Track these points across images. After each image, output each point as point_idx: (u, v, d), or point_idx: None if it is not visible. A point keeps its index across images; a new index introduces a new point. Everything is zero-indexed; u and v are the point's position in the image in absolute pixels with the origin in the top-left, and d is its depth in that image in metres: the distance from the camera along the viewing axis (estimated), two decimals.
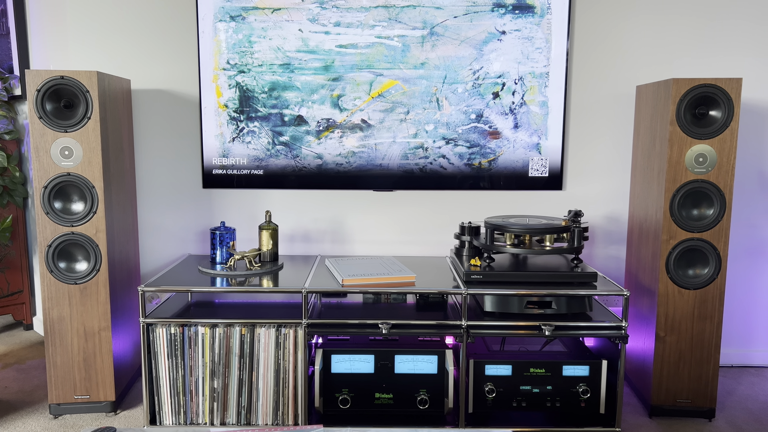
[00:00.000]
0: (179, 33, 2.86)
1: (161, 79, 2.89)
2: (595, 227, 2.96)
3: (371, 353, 2.37)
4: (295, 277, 2.51)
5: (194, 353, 2.36)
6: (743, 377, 2.92)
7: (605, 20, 2.85)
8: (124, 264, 2.66)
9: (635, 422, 2.50)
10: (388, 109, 2.82)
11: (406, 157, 2.85)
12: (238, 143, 2.83)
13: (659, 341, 2.48)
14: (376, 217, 2.98)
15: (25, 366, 2.96)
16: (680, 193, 2.40)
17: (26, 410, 2.54)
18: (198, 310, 2.51)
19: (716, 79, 2.33)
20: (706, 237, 2.42)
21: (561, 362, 2.38)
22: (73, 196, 2.42)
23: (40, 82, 2.33)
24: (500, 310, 2.38)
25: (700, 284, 2.44)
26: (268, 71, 2.79)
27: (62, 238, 2.40)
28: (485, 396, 2.37)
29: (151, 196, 2.96)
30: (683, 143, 2.38)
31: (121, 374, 2.59)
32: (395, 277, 2.43)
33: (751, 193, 2.94)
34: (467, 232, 2.66)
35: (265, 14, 2.76)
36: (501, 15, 2.76)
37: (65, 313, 2.44)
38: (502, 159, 2.84)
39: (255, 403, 2.39)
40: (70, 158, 2.38)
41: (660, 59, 2.86)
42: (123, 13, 2.84)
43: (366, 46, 2.78)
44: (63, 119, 2.37)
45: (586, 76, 2.88)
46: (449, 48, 2.78)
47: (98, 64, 2.87)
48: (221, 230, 2.67)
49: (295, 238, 2.98)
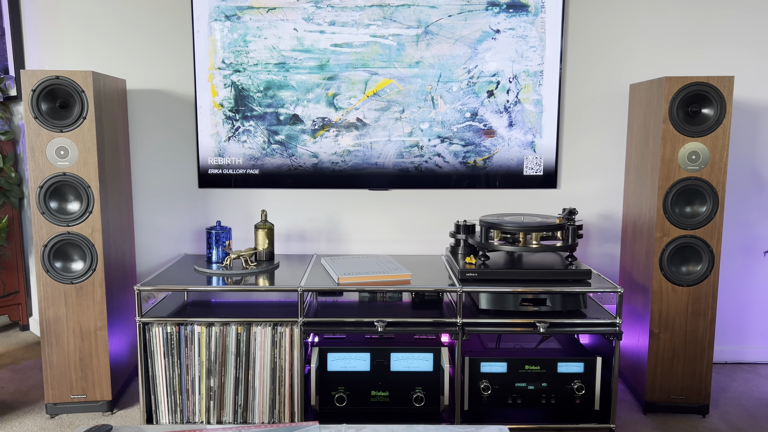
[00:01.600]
0: (174, 33, 2.87)
1: (157, 79, 2.89)
2: (589, 225, 2.97)
3: (367, 351, 2.38)
4: (290, 276, 2.52)
5: (190, 352, 2.37)
6: (737, 374, 2.93)
7: (599, 19, 2.86)
8: (120, 263, 2.66)
9: (630, 418, 2.51)
10: (383, 107, 2.82)
11: (402, 155, 2.86)
12: (234, 142, 2.84)
13: (653, 338, 2.50)
14: (372, 216, 2.99)
15: (21, 366, 2.96)
16: (673, 190, 2.41)
17: (23, 410, 2.54)
18: (194, 309, 2.51)
19: (708, 77, 2.35)
20: (699, 234, 2.43)
21: (556, 359, 2.39)
22: (68, 196, 2.43)
23: (35, 82, 2.33)
24: (495, 307, 2.39)
25: (694, 281, 2.46)
26: (264, 70, 2.80)
27: (58, 237, 2.41)
28: (481, 393, 2.39)
29: (147, 196, 2.96)
30: (676, 141, 2.40)
31: (117, 374, 2.59)
32: (390, 275, 2.44)
33: (744, 190, 2.95)
34: (462, 230, 2.67)
35: (260, 13, 2.77)
36: (495, 14, 2.77)
37: (61, 313, 2.45)
38: (497, 157, 2.85)
39: (251, 401, 2.40)
40: (65, 158, 2.38)
41: (653, 58, 2.88)
42: (118, 13, 2.85)
43: (361, 45, 2.79)
44: (58, 119, 2.38)
45: (580, 75, 2.89)
46: (444, 47, 2.79)
47: (94, 64, 2.88)
48: (217, 230, 2.67)
49: (291, 238, 2.99)
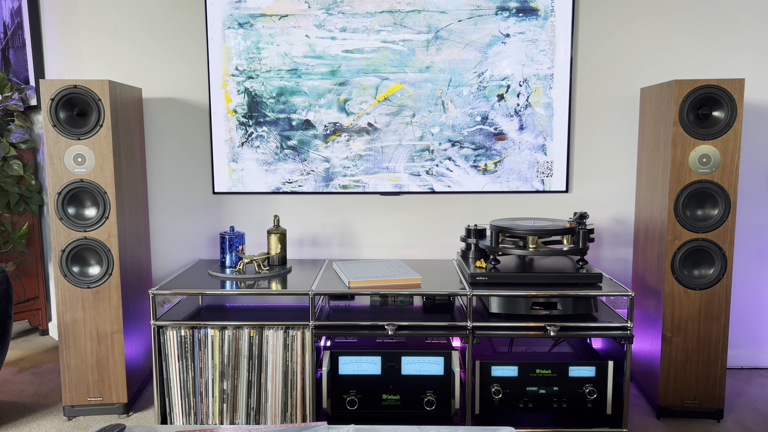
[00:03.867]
0: (189, 41, 2.92)
1: (172, 87, 2.95)
2: (602, 229, 2.96)
3: (378, 355, 2.40)
4: (302, 280, 2.55)
5: (204, 355, 2.40)
6: (753, 379, 2.90)
7: (609, 22, 2.86)
8: (136, 268, 2.71)
9: (642, 423, 2.50)
10: (393, 112, 2.85)
11: (413, 159, 2.87)
12: (247, 148, 2.88)
13: (666, 342, 2.48)
14: (384, 221, 3.00)
15: (41, 370, 3.02)
16: (684, 193, 2.40)
17: (41, 412, 2.60)
18: (208, 313, 2.55)
19: (719, 80, 2.34)
20: (711, 237, 2.42)
21: (567, 363, 2.39)
22: (86, 202, 2.48)
23: (54, 91, 2.39)
24: (506, 311, 2.40)
25: (706, 284, 2.44)
26: (276, 77, 2.84)
27: (75, 242, 2.46)
28: (492, 397, 2.39)
29: (163, 202, 3.01)
30: (687, 144, 2.39)
31: (133, 376, 2.64)
32: (401, 279, 2.46)
33: (758, 193, 2.92)
34: (473, 234, 2.68)
35: (272, 21, 2.81)
36: (505, 18, 2.78)
37: (78, 317, 2.50)
38: (507, 161, 2.86)
39: (264, 404, 2.42)
40: (83, 165, 2.44)
41: (664, 62, 2.87)
42: (134, 23, 2.91)
43: (372, 50, 2.82)
44: (76, 127, 2.43)
45: (590, 78, 2.89)
46: (454, 51, 2.81)
47: (111, 74, 2.94)
48: (230, 235, 2.71)
49: (304, 243, 3.02)
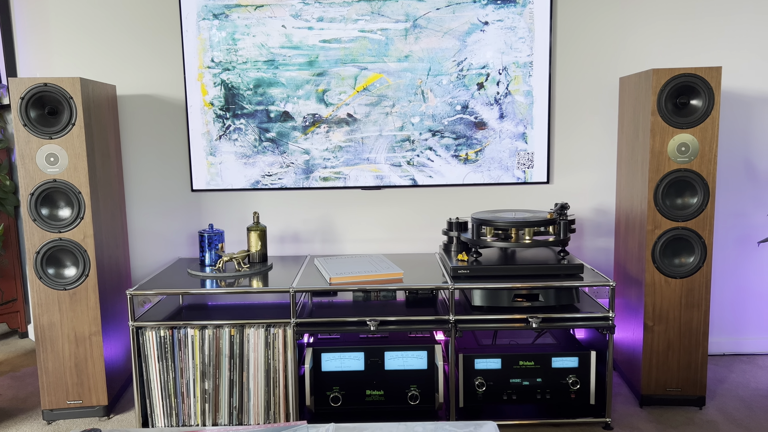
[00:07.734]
0: (162, 34, 2.86)
1: (146, 83, 2.89)
2: (583, 220, 2.96)
3: (361, 350, 2.38)
4: (283, 277, 2.52)
5: (184, 355, 2.37)
6: (734, 365, 2.92)
7: (587, 10, 2.83)
8: (114, 269, 2.67)
9: (626, 412, 2.51)
10: (373, 102, 2.81)
11: (393, 150, 2.85)
12: (225, 141, 2.84)
13: (647, 331, 2.49)
14: (366, 215, 2.98)
15: (20, 373, 2.98)
16: (663, 182, 2.40)
17: (20, 417, 2.56)
18: (188, 313, 2.52)
19: (696, 69, 2.32)
20: (690, 226, 2.41)
21: (550, 354, 2.38)
22: (59, 203, 2.43)
23: (23, 89, 2.33)
24: (488, 304, 2.39)
25: (687, 273, 2.44)
26: (253, 68, 2.79)
27: (50, 244, 2.41)
28: (475, 390, 2.38)
29: (141, 200, 2.96)
30: (665, 133, 2.38)
31: (113, 378, 2.60)
32: (383, 274, 2.44)
33: (738, 181, 2.93)
34: (455, 227, 2.66)
35: (248, 11, 2.76)
36: (483, 6, 2.75)
37: (55, 319, 2.45)
38: (488, 149, 2.84)
39: (246, 403, 2.40)
40: (55, 165, 2.39)
41: (644, 50, 2.85)
42: (106, 18, 2.84)
43: (349, 40, 2.77)
44: (47, 126, 2.38)
45: (570, 66, 2.87)
46: (432, 40, 2.77)
47: (83, 71, 2.87)
48: (209, 233, 2.67)
49: (285, 239, 2.99)
